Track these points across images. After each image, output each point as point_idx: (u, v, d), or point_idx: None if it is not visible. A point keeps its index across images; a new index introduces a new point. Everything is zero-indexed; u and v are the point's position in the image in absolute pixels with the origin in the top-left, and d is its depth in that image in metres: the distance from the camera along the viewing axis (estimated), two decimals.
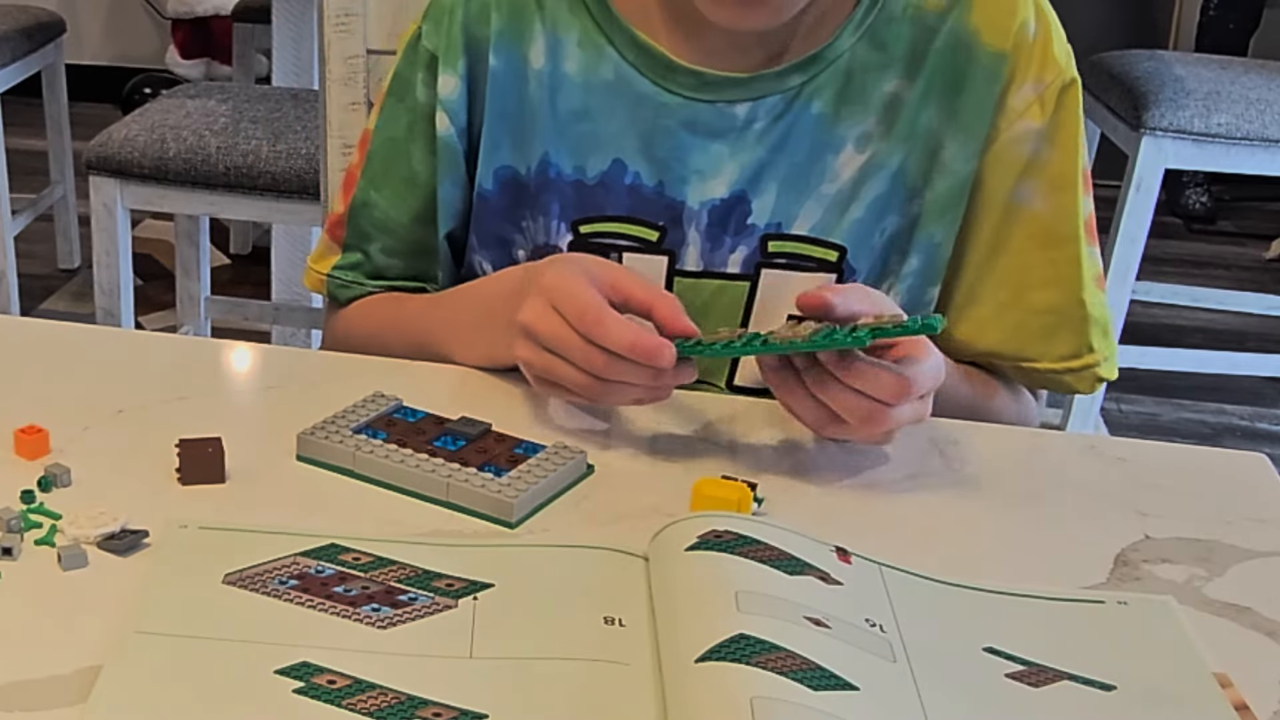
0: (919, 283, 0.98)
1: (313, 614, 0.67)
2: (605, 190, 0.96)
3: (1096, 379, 0.99)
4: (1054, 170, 0.96)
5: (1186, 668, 0.68)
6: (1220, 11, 3.59)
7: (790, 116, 0.95)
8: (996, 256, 0.98)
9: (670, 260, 0.97)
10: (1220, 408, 2.76)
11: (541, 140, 0.97)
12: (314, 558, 0.71)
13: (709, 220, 0.96)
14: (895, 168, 0.96)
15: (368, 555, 0.72)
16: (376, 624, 0.67)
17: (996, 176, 0.96)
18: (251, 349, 0.97)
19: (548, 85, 0.96)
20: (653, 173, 0.96)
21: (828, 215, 0.96)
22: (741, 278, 0.97)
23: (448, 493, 0.79)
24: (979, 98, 0.95)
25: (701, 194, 0.96)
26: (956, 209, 0.96)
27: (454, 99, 0.97)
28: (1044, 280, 0.97)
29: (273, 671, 0.63)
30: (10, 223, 2.69)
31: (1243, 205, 3.80)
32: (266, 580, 0.69)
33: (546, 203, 0.97)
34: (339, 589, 0.69)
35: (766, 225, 0.96)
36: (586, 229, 0.97)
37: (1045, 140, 0.95)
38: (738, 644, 0.61)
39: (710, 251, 0.97)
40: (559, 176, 0.97)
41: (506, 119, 0.97)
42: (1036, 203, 0.96)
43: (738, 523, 0.72)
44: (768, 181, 0.95)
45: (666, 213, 0.96)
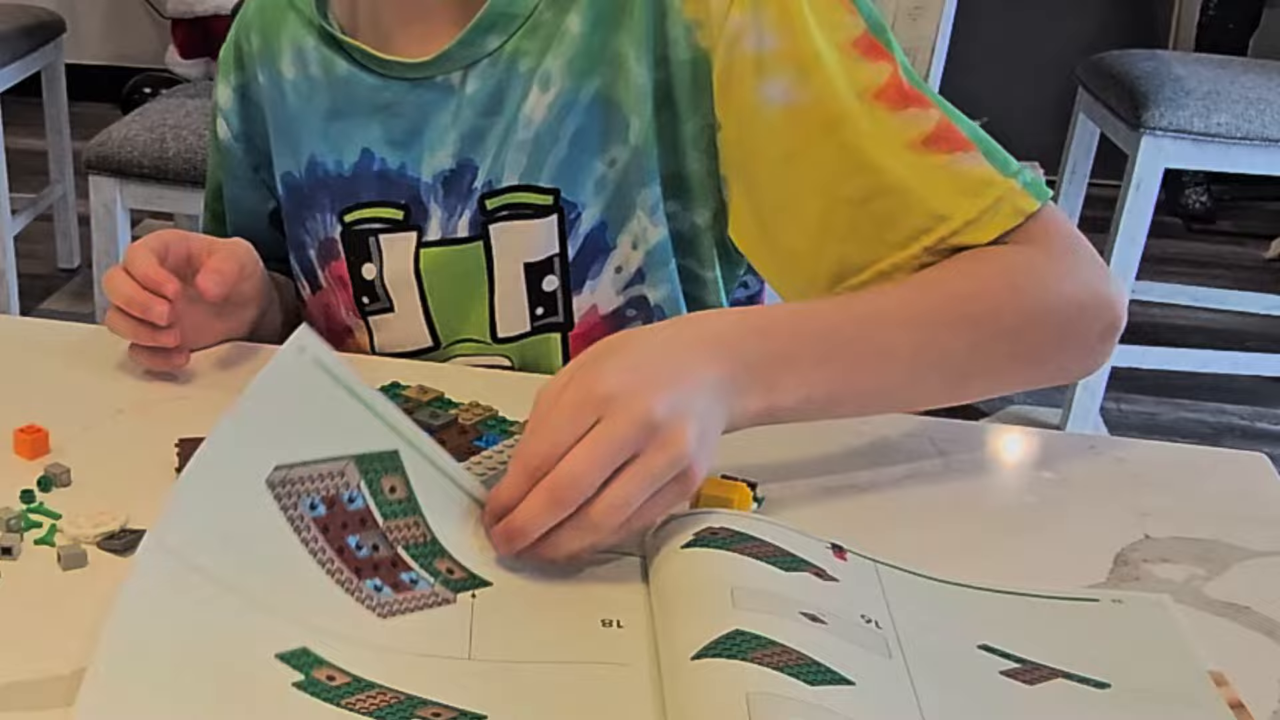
0: (666, 198, 0.95)
1: (319, 578, 0.67)
2: (359, 179, 1.02)
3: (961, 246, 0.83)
4: (792, 58, 0.87)
5: (1181, 666, 0.68)
6: (1220, 11, 3.59)
7: (499, 76, 0.96)
8: (786, 168, 0.88)
9: (418, 235, 1.01)
10: (1220, 407, 2.76)
11: (307, 142, 1.03)
12: (360, 472, 0.70)
13: (443, 191, 1.00)
14: (589, 100, 0.94)
15: (400, 497, 0.71)
16: (377, 610, 0.67)
17: (735, 88, 0.89)
18: (251, 349, 0.97)
19: (303, 91, 1.03)
20: (394, 155, 1.00)
21: (531, 161, 0.96)
22: (471, 240, 1.00)
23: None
24: (649, 9, 0.91)
25: (432, 167, 0.99)
26: (668, 125, 0.93)
27: (229, 109, 1.09)
28: (846, 171, 0.86)
29: (274, 655, 0.63)
30: (10, 222, 2.69)
31: (1243, 205, 3.80)
32: (301, 495, 0.68)
33: (320, 199, 1.04)
34: (352, 540, 0.69)
35: (482, 185, 0.99)
36: (349, 218, 1.03)
37: (762, 33, 0.87)
38: (734, 640, 0.61)
39: (447, 220, 1.01)
40: (325, 173, 1.03)
41: (279, 129, 1.05)
42: (790, 97, 0.87)
43: (734, 520, 0.72)
44: (489, 144, 0.98)
45: (407, 191, 1.01)
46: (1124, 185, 2.38)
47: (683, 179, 0.96)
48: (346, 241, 1.03)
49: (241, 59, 1.07)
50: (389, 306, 1.04)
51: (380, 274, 1.03)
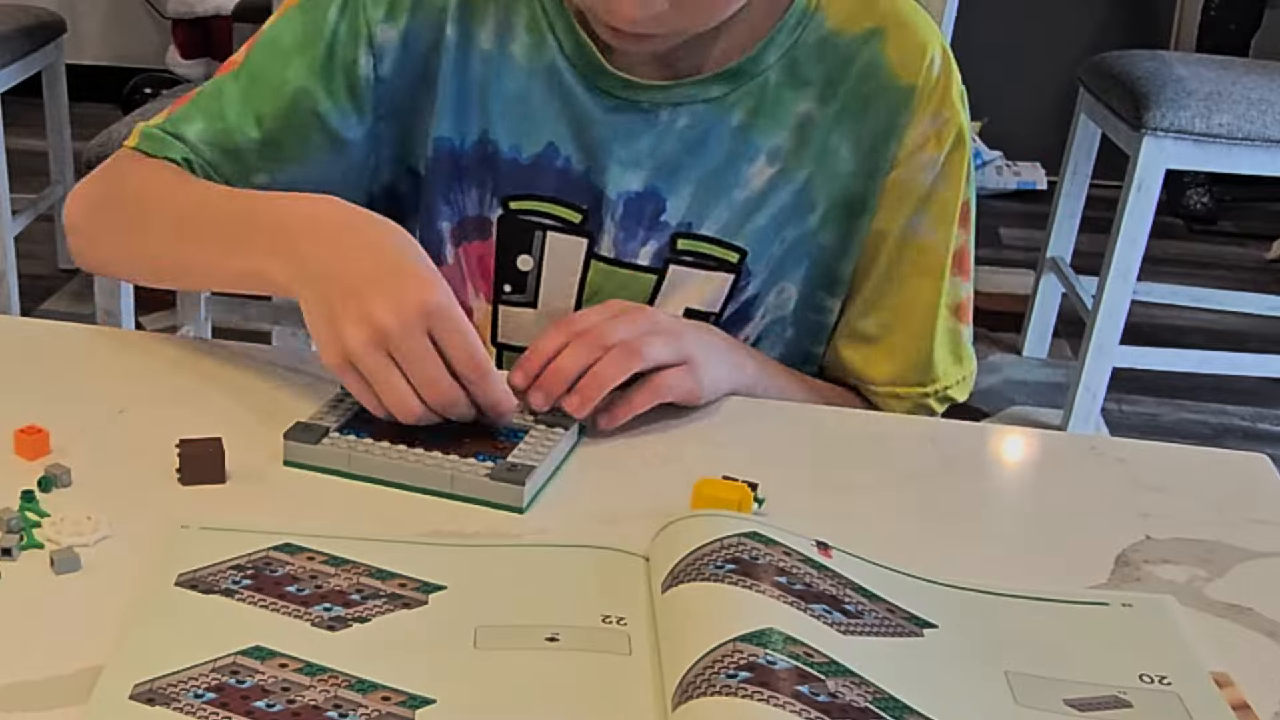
0: (809, 287, 1.03)
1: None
2: (537, 170, 1.00)
3: (948, 400, 1.06)
4: (944, 204, 1.01)
5: (1187, 667, 0.68)
6: (1221, 12, 3.59)
7: (709, 123, 0.98)
8: (887, 285, 1.03)
9: (589, 243, 1.01)
10: (1221, 408, 2.76)
11: (483, 117, 1.00)
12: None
13: (624, 211, 1.00)
14: (801, 183, 1.00)
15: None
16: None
17: (893, 205, 1.00)
18: (251, 349, 0.97)
19: (495, 66, 0.99)
20: (581, 158, 0.99)
21: (734, 219, 1.00)
22: (650, 270, 1.02)
23: (452, 485, 0.79)
24: (882, 123, 0.99)
25: (620, 184, 0.99)
26: (846, 222, 1.01)
27: (386, 48, 0.98)
28: (913, 312, 1.03)
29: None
30: (10, 223, 2.69)
31: (1244, 205, 3.80)
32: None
33: (482, 177, 1.01)
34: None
35: (678, 224, 1.00)
36: (516, 205, 1.01)
37: (939, 174, 1.00)
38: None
39: (624, 241, 1.01)
40: (496, 153, 1.00)
41: (451, 92, 0.99)
42: (924, 234, 1.01)
43: (732, 523, 0.72)
44: (683, 182, 0.99)
45: (590, 198, 1.00)
46: (1125, 186, 2.38)
47: (835, 272, 1.03)
48: (506, 227, 1.01)
49: (420, 3, 0.98)
50: (532, 302, 1.03)
51: (538, 268, 1.02)
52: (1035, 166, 3.90)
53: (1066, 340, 2.95)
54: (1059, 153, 2.85)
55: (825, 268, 1.03)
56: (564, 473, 0.83)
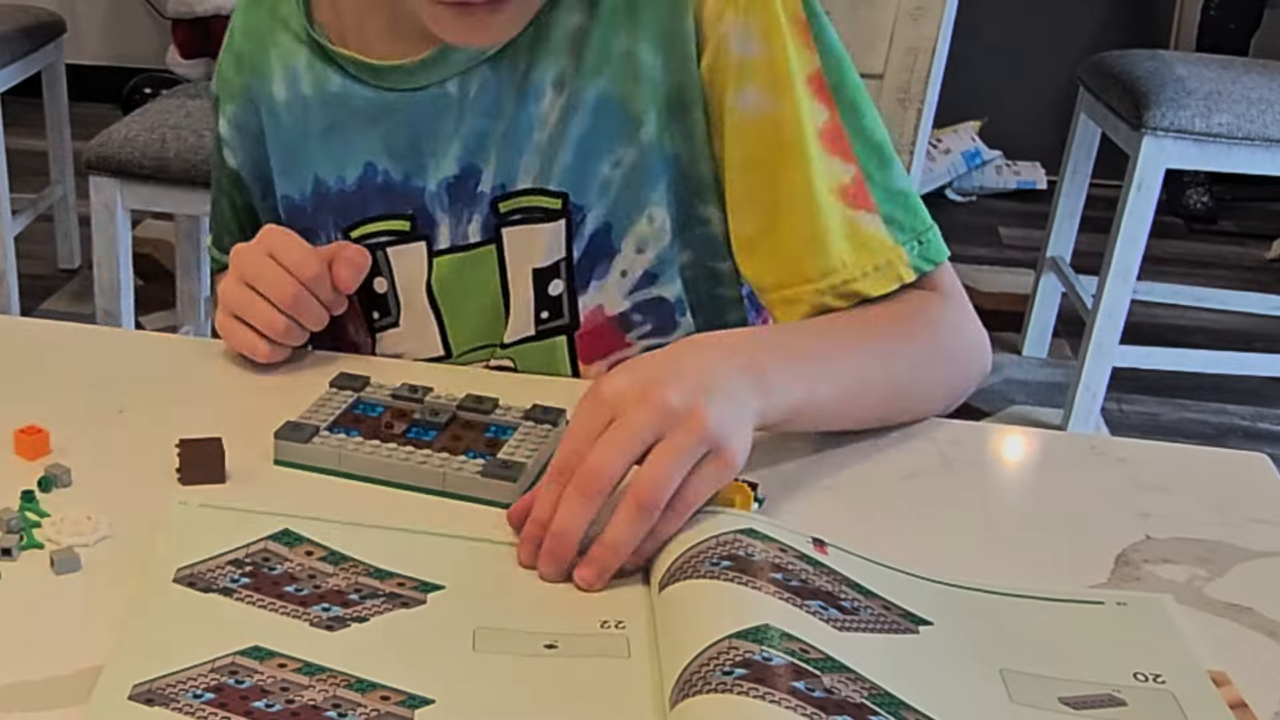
0: (677, 200, 0.96)
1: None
2: (363, 193, 1.01)
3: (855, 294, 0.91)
4: (770, 70, 0.91)
5: (1182, 666, 0.68)
6: (1221, 11, 3.59)
7: (495, 80, 0.96)
8: (745, 176, 0.94)
9: (427, 244, 1.01)
10: (1222, 408, 2.76)
11: (308, 162, 1.02)
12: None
13: (449, 199, 0.99)
14: (595, 101, 0.95)
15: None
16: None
17: (718, 88, 0.93)
18: None
19: (297, 112, 1.01)
20: (398, 167, 1.00)
21: (544, 164, 0.97)
22: (484, 244, 1.00)
23: (444, 482, 0.79)
24: (666, 6, 0.92)
25: (436, 174, 0.99)
26: (684, 120, 0.94)
27: (230, 139, 1.07)
28: (783, 195, 0.92)
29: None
30: (10, 223, 2.69)
31: (1244, 205, 3.80)
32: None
33: (323, 218, 1.03)
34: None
35: (493, 189, 0.99)
36: (355, 234, 1.02)
37: (749, 39, 0.91)
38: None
39: (455, 227, 1.00)
40: (328, 191, 1.02)
41: (277, 153, 1.04)
42: (759, 107, 0.92)
43: (728, 519, 0.72)
44: (490, 148, 0.98)
45: (413, 201, 1.00)
46: (1125, 185, 2.38)
47: (696, 177, 0.96)
48: None
49: (230, 88, 1.05)
50: (395, 321, 1.03)
51: (392, 287, 1.02)
52: (1035, 166, 3.90)
53: (1066, 340, 2.95)
54: (1059, 152, 2.85)
55: (684, 176, 0.96)
56: None
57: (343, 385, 0.88)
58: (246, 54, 1.03)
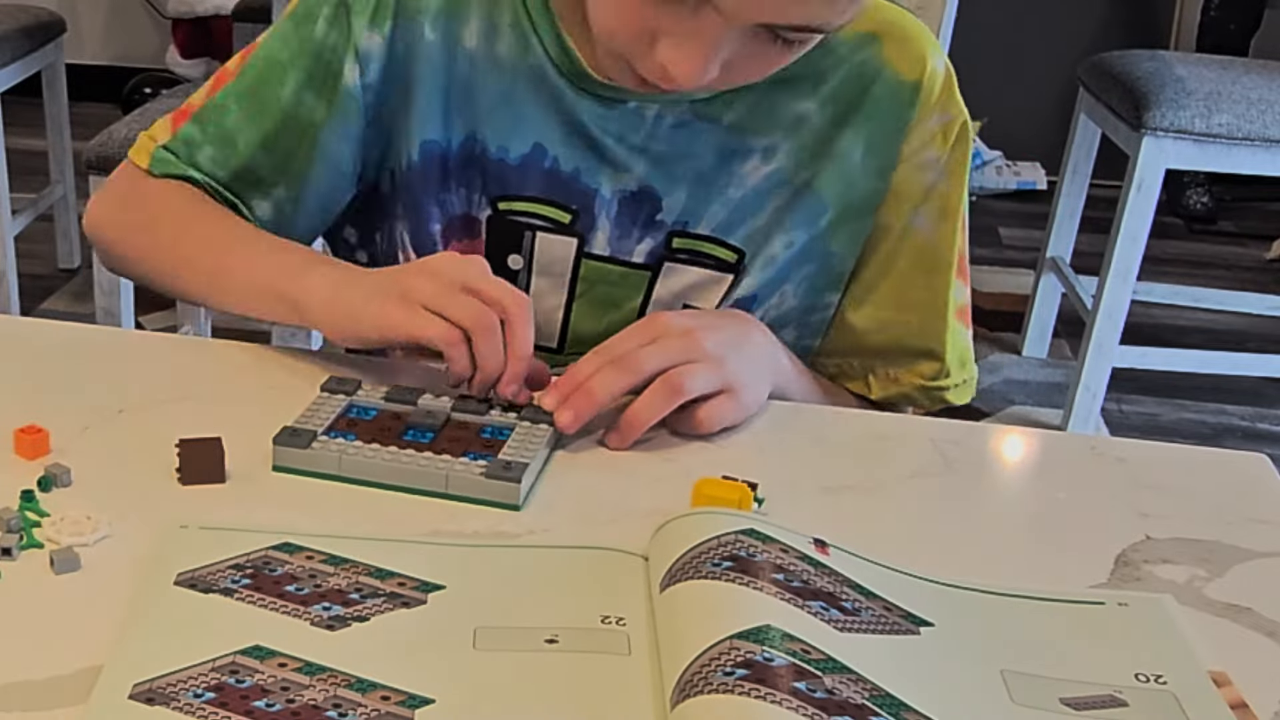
0: (812, 288, 1.04)
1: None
2: (525, 171, 1.00)
3: (943, 400, 1.07)
4: (946, 200, 1.02)
5: (1183, 666, 0.68)
6: (1221, 12, 3.59)
7: (701, 123, 0.98)
8: (885, 276, 1.03)
9: (579, 243, 1.01)
10: (1221, 408, 2.76)
11: (469, 118, 0.99)
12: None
13: (619, 209, 1.00)
14: (801, 184, 1.00)
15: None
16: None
17: (898, 200, 1.01)
18: (251, 349, 0.97)
19: (480, 66, 0.98)
20: (570, 159, 0.99)
21: (730, 217, 1.01)
22: (645, 268, 1.02)
23: (447, 485, 0.79)
24: (889, 122, 0.99)
25: (615, 184, 0.99)
26: (857, 223, 1.02)
27: (372, 55, 0.98)
28: (920, 302, 1.04)
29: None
30: (10, 223, 2.69)
31: (1243, 205, 3.81)
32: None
33: (470, 177, 1.01)
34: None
35: (674, 222, 1.01)
36: (505, 205, 1.01)
37: (944, 171, 1.01)
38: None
39: (618, 239, 1.01)
40: (484, 154, 1.00)
41: (437, 94, 0.99)
42: (926, 229, 1.02)
43: (729, 520, 0.72)
44: (678, 181, 0.99)
45: (580, 198, 1.00)
46: (1125, 186, 2.38)
47: (838, 273, 1.03)
48: (495, 228, 1.01)
49: (403, 10, 0.97)
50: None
51: (529, 268, 1.02)
52: (1035, 166, 3.90)
53: (1066, 340, 2.95)
54: (1059, 153, 2.85)
55: (832, 271, 1.04)
56: (564, 473, 0.83)
57: (334, 389, 0.87)
58: None
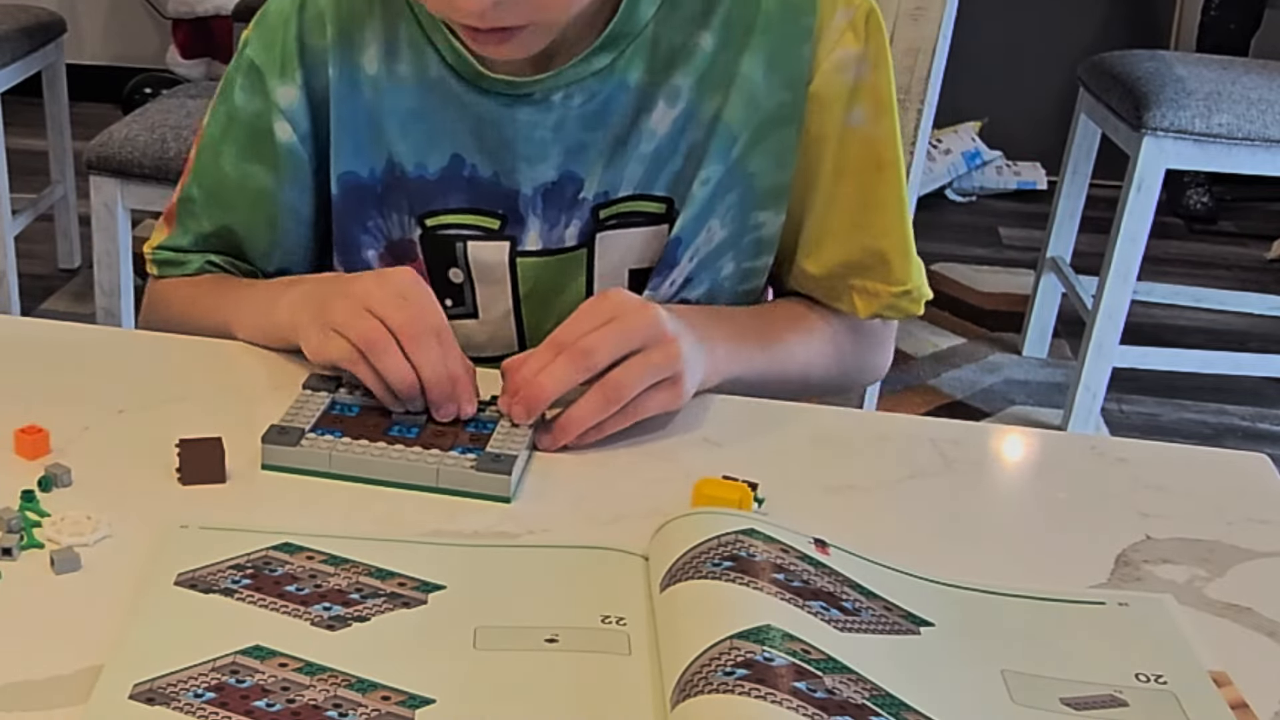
0: (739, 214, 1.00)
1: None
2: (447, 184, 1.00)
3: (919, 301, 1.03)
4: (878, 93, 0.98)
5: (1183, 666, 0.68)
6: (1221, 12, 3.59)
7: (606, 92, 0.97)
8: (839, 183, 1.00)
9: (512, 245, 1.01)
10: (1221, 408, 2.76)
11: (385, 142, 0.99)
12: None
13: (544, 203, 1.00)
14: (710, 115, 0.98)
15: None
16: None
17: (825, 105, 0.98)
18: (251, 349, 0.97)
19: (384, 88, 0.99)
20: (488, 164, 0.99)
21: (649, 172, 0.99)
22: (578, 248, 1.01)
23: (438, 479, 0.79)
24: (787, 32, 0.96)
25: (533, 179, 0.99)
26: (773, 138, 0.98)
27: (294, 108, 0.99)
28: (878, 203, 1.00)
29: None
30: (11, 223, 2.69)
31: (1244, 205, 3.80)
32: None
33: (396, 200, 1.01)
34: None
35: (596, 195, 1.00)
36: (432, 222, 1.01)
37: (866, 64, 0.97)
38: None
39: (549, 231, 1.01)
40: (404, 175, 1.00)
41: (346, 127, 1.00)
42: (867, 125, 0.98)
43: (730, 520, 0.72)
44: (594, 156, 0.98)
45: (504, 201, 1.00)
46: (1125, 186, 2.38)
47: (762, 189, 1.00)
48: (428, 245, 1.01)
49: (306, 54, 0.98)
50: (473, 312, 1.03)
51: (469, 279, 1.02)
52: (1035, 166, 3.90)
53: (1066, 340, 2.95)
54: (1059, 153, 2.85)
55: (756, 190, 1.00)
56: (564, 473, 0.83)
57: (316, 387, 0.87)
58: (335, 18, 0.98)
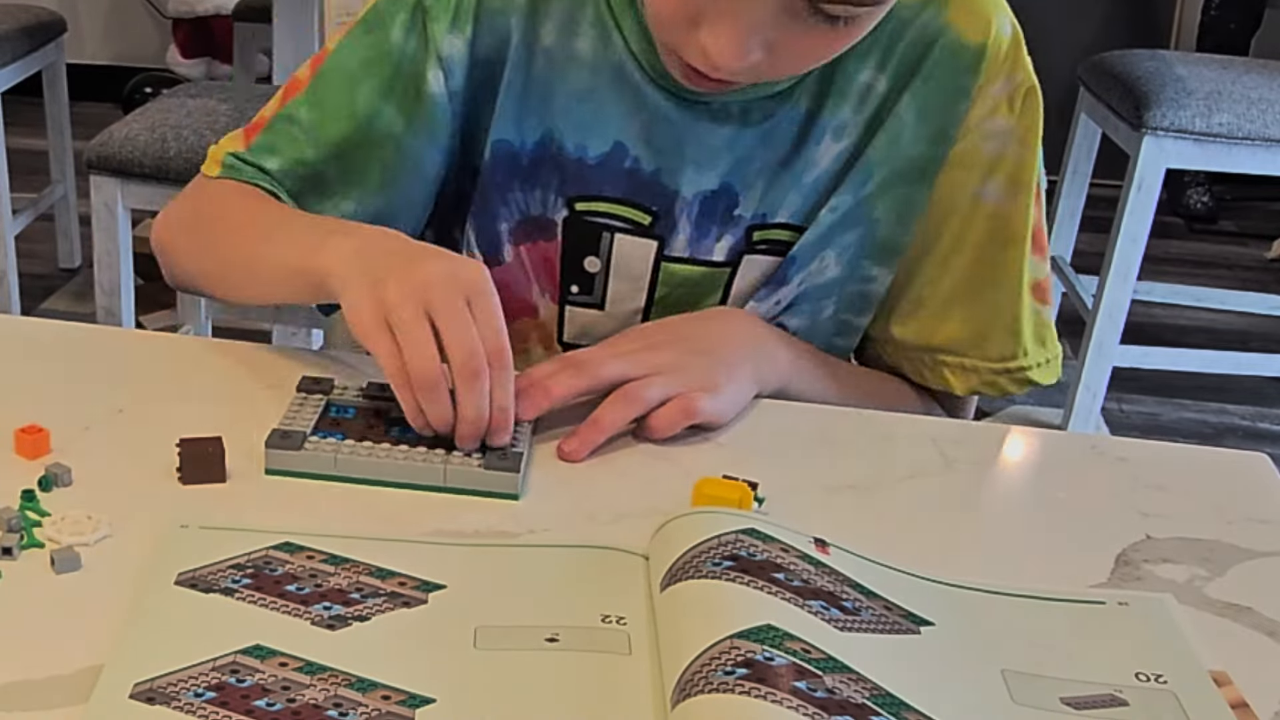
0: (853, 256, 1.00)
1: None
2: (604, 170, 0.97)
3: (1028, 381, 1.02)
4: (1018, 171, 0.97)
5: (1183, 665, 0.68)
6: (1221, 11, 3.59)
7: (781, 114, 0.96)
8: (957, 253, 0.99)
9: (659, 245, 0.99)
10: (1222, 408, 2.76)
11: (546, 116, 0.97)
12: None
13: (699, 210, 0.98)
14: (870, 157, 0.97)
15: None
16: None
17: (963, 170, 0.97)
18: (251, 349, 0.97)
19: (558, 63, 0.95)
20: (651, 159, 0.97)
21: (808, 202, 0.98)
22: (725, 264, 1.00)
23: (445, 478, 0.79)
24: (947, 85, 0.95)
25: (695, 184, 0.97)
26: (903, 190, 0.98)
27: (455, 60, 0.95)
28: (994, 280, 0.99)
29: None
30: (11, 222, 2.69)
31: (1244, 205, 3.80)
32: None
33: (545, 177, 0.98)
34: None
35: (752, 216, 0.98)
36: (582, 206, 0.99)
37: (1014, 139, 0.97)
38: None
39: (698, 240, 0.99)
40: (561, 152, 0.97)
41: (514, 94, 0.96)
42: (997, 200, 0.98)
43: (730, 519, 0.72)
44: (755, 175, 0.97)
45: (661, 199, 0.98)
46: (1125, 185, 2.38)
47: (882, 241, 0.99)
48: (572, 228, 0.99)
49: (483, 10, 0.94)
50: (599, 303, 1.02)
51: (605, 270, 1.00)
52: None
53: (1067, 339, 2.92)
54: (1059, 152, 2.84)
55: (875, 238, 0.99)
56: (565, 472, 0.83)
57: (310, 389, 0.87)
58: None
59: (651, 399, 0.86)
